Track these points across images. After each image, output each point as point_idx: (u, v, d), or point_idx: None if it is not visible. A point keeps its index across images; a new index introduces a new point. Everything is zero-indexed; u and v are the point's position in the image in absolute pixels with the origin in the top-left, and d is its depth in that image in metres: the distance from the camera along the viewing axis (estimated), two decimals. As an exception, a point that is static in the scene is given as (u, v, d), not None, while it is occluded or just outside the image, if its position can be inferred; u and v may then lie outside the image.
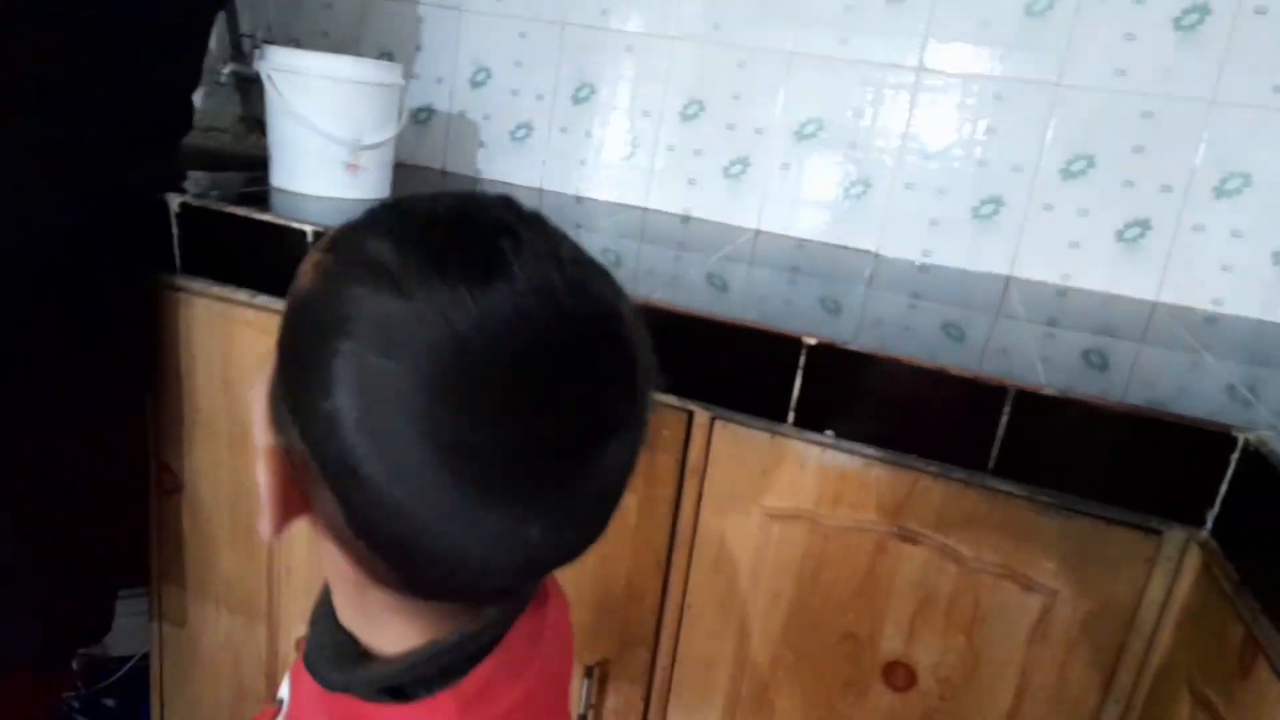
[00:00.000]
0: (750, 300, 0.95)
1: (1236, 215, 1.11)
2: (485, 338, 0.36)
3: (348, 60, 1.08)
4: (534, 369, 0.37)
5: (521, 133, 1.43)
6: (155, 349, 1.03)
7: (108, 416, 1.00)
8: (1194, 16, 1.08)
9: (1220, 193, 1.11)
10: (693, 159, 1.35)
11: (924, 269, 1.21)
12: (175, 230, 0.97)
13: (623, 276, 0.43)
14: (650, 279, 0.92)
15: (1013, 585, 0.74)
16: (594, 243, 1.05)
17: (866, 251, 1.26)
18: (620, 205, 1.38)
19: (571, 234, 0.41)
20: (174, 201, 0.96)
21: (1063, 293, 1.15)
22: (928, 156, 1.22)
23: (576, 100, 1.39)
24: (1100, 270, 1.17)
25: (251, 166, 1.21)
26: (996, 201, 1.20)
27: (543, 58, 1.39)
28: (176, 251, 0.98)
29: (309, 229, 0.92)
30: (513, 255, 0.37)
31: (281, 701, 0.55)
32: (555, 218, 0.42)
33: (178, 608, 1.15)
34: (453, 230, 0.39)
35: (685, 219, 1.35)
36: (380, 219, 0.41)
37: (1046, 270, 1.20)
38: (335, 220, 0.44)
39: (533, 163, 1.43)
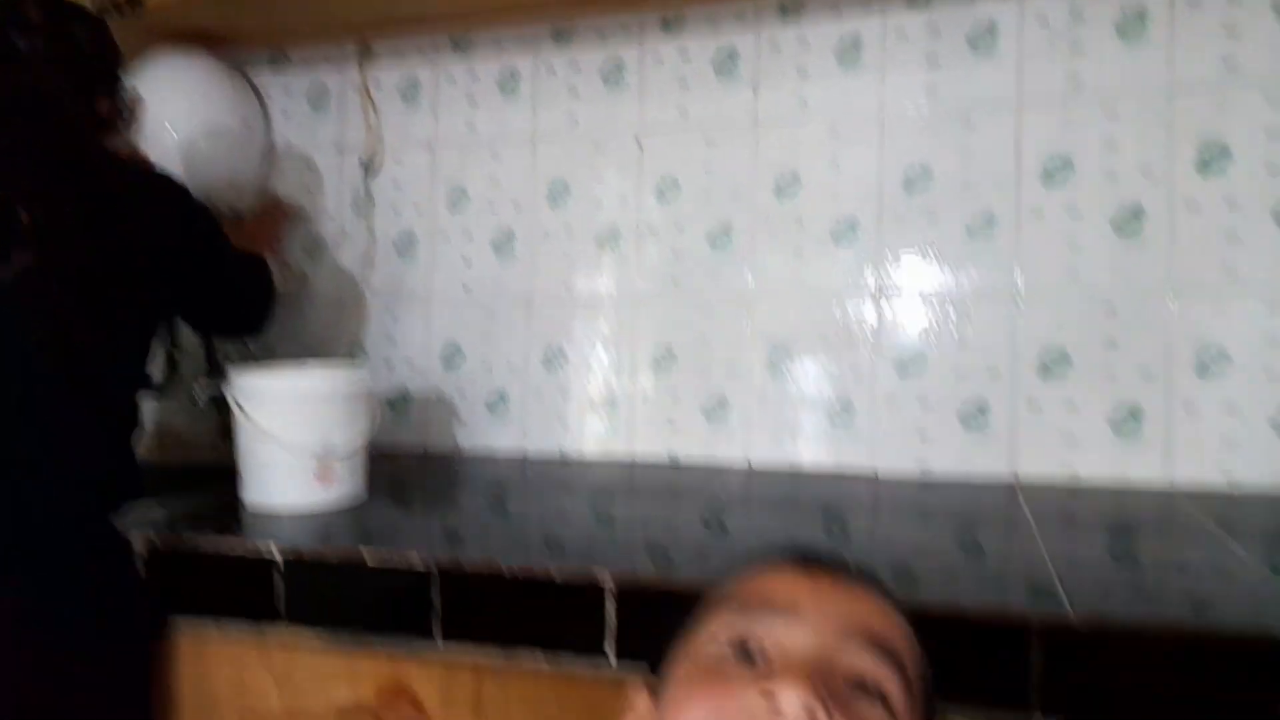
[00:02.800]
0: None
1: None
2: None
3: (313, 374, 1.09)
4: None
5: (498, 403, 1.43)
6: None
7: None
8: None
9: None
10: (672, 405, 1.34)
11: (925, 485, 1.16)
12: (143, 572, 0.93)
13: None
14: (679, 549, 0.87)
15: None
16: (580, 505, 1.01)
17: (861, 476, 1.22)
18: (606, 460, 1.35)
19: (560, 498, 0.37)
20: (138, 542, 0.92)
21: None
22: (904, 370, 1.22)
23: (548, 365, 1.40)
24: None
25: (226, 479, 1.18)
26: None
27: (511, 330, 1.42)
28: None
29: (277, 553, 0.87)
30: None
31: None
32: (542, 480, 0.37)
33: None
34: None
35: (674, 465, 1.32)
36: None
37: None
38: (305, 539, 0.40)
39: (512, 431, 1.42)
